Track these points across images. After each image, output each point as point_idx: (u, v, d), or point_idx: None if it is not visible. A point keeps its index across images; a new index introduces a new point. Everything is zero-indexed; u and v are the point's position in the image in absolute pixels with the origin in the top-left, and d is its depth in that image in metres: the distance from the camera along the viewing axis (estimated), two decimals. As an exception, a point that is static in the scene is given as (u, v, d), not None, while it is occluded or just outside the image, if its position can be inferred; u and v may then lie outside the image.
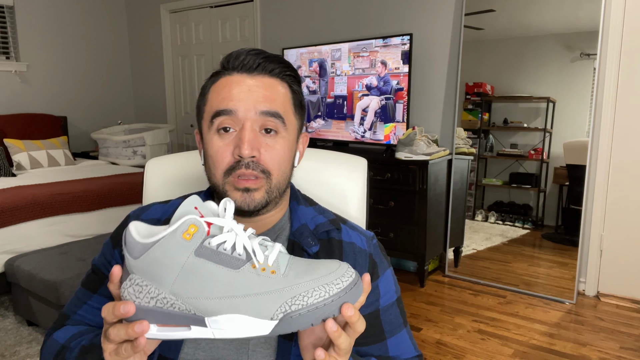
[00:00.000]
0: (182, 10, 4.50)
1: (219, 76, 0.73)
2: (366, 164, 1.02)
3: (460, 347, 2.17)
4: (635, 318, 2.44)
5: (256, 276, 0.52)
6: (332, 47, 3.26)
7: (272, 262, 0.54)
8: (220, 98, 0.70)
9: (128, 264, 0.55)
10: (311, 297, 0.51)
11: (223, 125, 0.69)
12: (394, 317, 0.77)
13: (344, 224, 0.79)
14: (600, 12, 2.49)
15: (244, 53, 0.71)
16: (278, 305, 0.51)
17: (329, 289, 0.52)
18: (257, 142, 0.69)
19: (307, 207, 0.80)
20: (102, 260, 0.80)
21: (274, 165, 0.70)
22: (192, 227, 0.53)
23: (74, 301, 0.80)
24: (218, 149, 0.69)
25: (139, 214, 0.81)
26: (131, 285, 0.53)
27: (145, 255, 0.53)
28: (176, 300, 0.52)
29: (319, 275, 0.53)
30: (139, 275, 0.53)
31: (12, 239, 2.44)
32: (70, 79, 4.46)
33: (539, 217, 2.80)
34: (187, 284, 0.52)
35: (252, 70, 0.71)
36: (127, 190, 2.94)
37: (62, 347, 0.71)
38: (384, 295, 0.76)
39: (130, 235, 0.54)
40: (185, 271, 0.52)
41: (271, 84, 0.71)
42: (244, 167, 0.68)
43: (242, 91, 0.69)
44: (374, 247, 0.79)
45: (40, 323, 2.27)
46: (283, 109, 0.71)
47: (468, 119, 2.97)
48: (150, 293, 0.53)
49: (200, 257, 0.52)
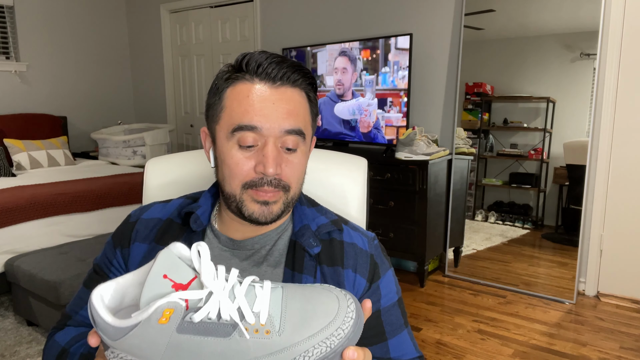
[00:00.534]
0: (182, 10, 4.50)
1: (236, 80, 0.69)
2: (366, 164, 1.02)
3: (460, 347, 2.17)
4: (635, 318, 2.44)
5: (250, 340, 0.48)
6: (332, 47, 3.26)
7: (264, 320, 0.49)
8: (242, 109, 0.68)
9: (105, 340, 0.50)
10: (312, 356, 0.48)
11: (246, 144, 0.68)
12: (395, 318, 0.77)
13: (346, 225, 0.79)
14: (600, 12, 2.49)
15: (265, 60, 0.68)
16: None
17: (330, 342, 0.49)
18: (280, 158, 0.69)
19: (309, 208, 0.80)
20: (103, 259, 0.80)
21: (294, 179, 0.71)
22: (166, 312, 0.48)
23: (75, 301, 0.80)
24: (238, 161, 0.68)
25: (140, 213, 0.81)
26: (116, 357, 0.50)
27: (121, 340, 0.48)
28: None
29: (318, 327, 0.49)
30: (122, 351, 0.49)
31: (12, 239, 2.44)
32: (70, 79, 4.46)
33: (539, 217, 2.80)
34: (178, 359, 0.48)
35: (275, 81, 0.68)
36: (127, 190, 2.94)
37: (62, 349, 0.72)
38: (385, 296, 0.76)
39: (98, 315, 0.49)
40: (171, 349, 0.48)
41: (293, 97, 0.70)
42: (267, 184, 0.68)
43: (266, 106, 0.67)
44: (375, 248, 0.79)
45: (40, 323, 2.27)
46: (304, 123, 0.71)
47: (468, 119, 2.97)
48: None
49: (184, 333, 0.48)
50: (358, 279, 0.74)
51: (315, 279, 0.73)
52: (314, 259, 0.74)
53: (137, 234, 0.78)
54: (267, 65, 0.68)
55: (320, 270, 0.74)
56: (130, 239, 0.78)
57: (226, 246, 0.75)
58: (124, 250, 0.78)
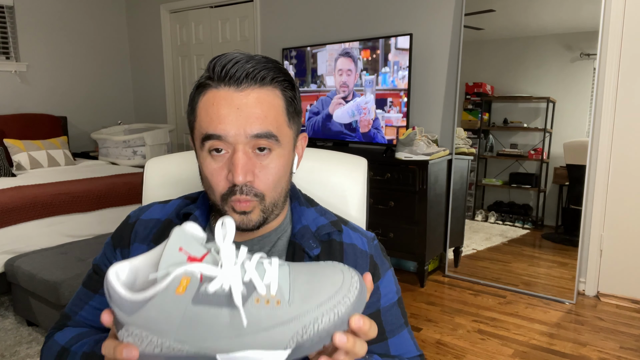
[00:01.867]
0: (182, 10, 4.50)
1: (205, 88, 0.68)
2: (366, 164, 1.02)
3: (460, 347, 2.17)
4: (635, 318, 2.44)
5: (262, 310, 0.50)
6: (332, 47, 3.26)
7: (275, 291, 0.51)
8: (208, 119, 0.66)
9: (119, 317, 0.51)
10: (322, 324, 0.50)
11: (214, 147, 0.67)
12: (395, 318, 0.77)
13: (345, 226, 0.79)
14: (600, 12, 2.49)
15: (229, 63, 0.66)
16: (290, 336, 0.50)
17: (337, 310, 0.51)
18: (251, 164, 0.66)
19: (309, 208, 0.79)
20: (103, 259, 0.80)
21: (269, 187, 0.69)
22: (183, 281, 0.49)
23: (75, 301, 0.80)
24: (212, 171, 0.68)
25: (139, 213, 0.81)
26: (129, 335, 0.51)
27: (137, 314, 0.50)
28: (183, 346, 0.50)
29: (326, 296, 0.52)
30: (136, 327, 0.50)
31: (12, 239, 2.44)
32: (70, 79, 4.46)
33: (539, 217, 2.80)
34: (192, 331, 0.50)
35: (239, 83, 0.65)
36: (127, 191, 2.94)
37: (62, 349, 0.71)
38: (385, 296, 0.76)
39: (114, 290, 0.50)
40: (186, 320, 0.50)
41: (261, 98, 0.66)
42: (239, 192, 0.67)
43: (230, 113, 0.65)
44: (374, 248, 0.78)
45: (40, 323, 2.27)
46: (276, 124, 0.67)
47: (468, 119, 2.97)
48: (153, 342, 0.50)
49: (198, 304, 0.50)
50: None
51: None
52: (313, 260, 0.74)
53: (136, 234, 0.78)
54: (230, 67, 0.65)
55: None
56: (129, 239, 0.78)
57: None
58: (123, 251, 0.78)
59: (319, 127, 3.40)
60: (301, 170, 1.00)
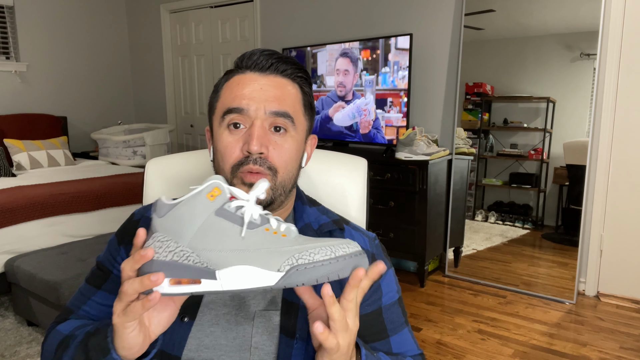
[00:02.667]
0: (182, 10, 4.50)
1: (232, 74, 0.75)
2: (366, 164, 1.02)
3: (460, 347, 2.17)
4: (635, 318, 2.44)
5: (268, 236, 0.57)
6: (332, 48, 3.26)
7: (284, 229, 0.58)
8: (232, 96, 0.72)
9: (153, 224, 0.59)
10: (317, 255, 0.54)
11: (234, 121, 0.71)
12: (396, 316, 0.79)
13: (347, 225, 0.81)
14: (600, 12, 2.49)
15: (257, 53, 0.74)
16: (286, 259, 0.54)
17: (335, 250, 0.55)
18: (266, 139, 0.70)
19: (311, 208, 0.82)
20: (107, 256, 0.81)
21: (281, 163, 0.72)
22: (216, 190, 0.58)
23: (77, 297, 0.81)
24: (228, 144, 0.71)
25: (144, 212, 0.82)
26: (153, 243, 0.57)
27: (170, 212, 0.58)
28: (192, 253, 0.56)
29: (327, 241, 0.57)
30: (161, 232, 0.58)
31: (12, 239, 2.44)
32: (70, 79, 4.46)
33: (539, 217, 2.80)
34: (204, 239, 0.56)
35: (264, 70, 0.73)
36: (127, 191, 2.94)
37: (66, 336, 0.72)
38: (386, 294, 0.78)
39: (161, 200, 0.59)
40: (204, 227, 0.56)
41: (282, 84, 0.73)
42: (252, 162, 0.70)
43: (254, 90, 0.71)
44: (376, 247, 0.80)
45: (40, 323, 2.27)
46: (293, 109, 0.73)
47: (468, 119, 2.97)
48: (169, 247, 0.56)
49: (219, 216, 0.57)
50: None
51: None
52: None
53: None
54: (256, 57, 0.73)
55: None
56: (134, 236, 0.79)
57: None
58: (127, 247, 0.79)
59: (318, 127, 3.40)
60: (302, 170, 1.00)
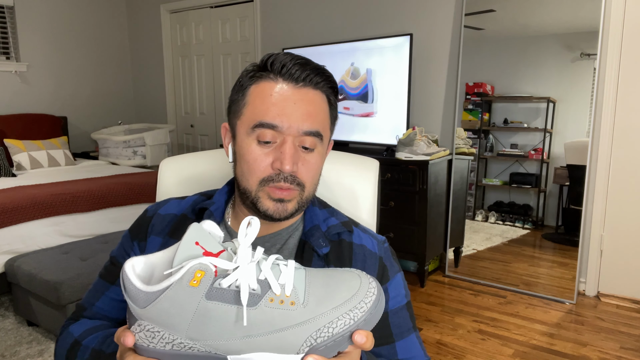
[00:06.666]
0: (182, 11, 4.50)
1: (261, 79, 0.71)
2: (378, 165, 1.01)
3: (460, 347, 2.17)
4: (636, 318, 2.44)
5: (275, 310, 0.49)
6: (332, 48, 3.26)
7: (289, 292, 0.50)
8: (264, 107, 0.69)
9: (133, 310, 0.50)
10: (337, 327, 0.48)
11: (265, 139, 0.69)
12: (402, 321, 0.77)
13: (356, 227, 0.80)
14: (600, 12, 2.49)
15: (290, 61, 0.70)
16: (303, 340, 0.48)
17: (353, 314, 0.49)
18: (297, 157, 0.70)
19: (321, 209, 0.81)
20: (120, 251, 0.82)
21: (309, 178, 0.72)
22: (198, 273, 0.48)
23: (91, 293, 0.82)
24: (257, 157, 0.70)
25: (157, 208, 0.84)
26: (142, 331, 0.50)
27: (151, 306, 0.49)
28: (194, 344, 0.49)
29: (341, 300, 0.50)
30: (148, 322, 0.50)
31: (12, 239, 2.44)
32: (70, 79, 4.46)
33: (539, 217, 2.80)
34: (204, 328, 0.49)
35: (298, 82, 0.70)
36: (127, 191, 2.94)
37: (75, 341, 0.73)
38: (393, 299, 0.77)
39: (130, 281, 0.49)
40: (198, 316, 0.49)
41: (314, 99, 0.71)
42: (283, 180, 0.69)
43: (287, 105, 0.69)
44: (384, 250, 0.79)
45: (41, 323, 2.27)
46: (322, 125, 0.72)
47: (468, 119, 2.97)
48: (164, 338, 0.50)
49: (212, 300, 0.49)
50: None
51: None
52: (322, 259, 0.74)
53: (153, 227, 0.81)
54: (291, 66, 0.69)
55: None
56: (147, 232, 0.81)
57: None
58: (141, 243, 0.81)
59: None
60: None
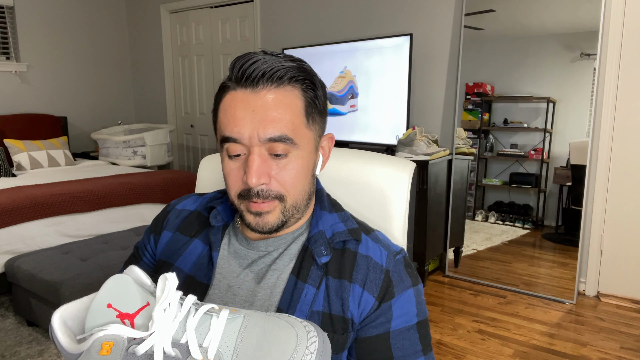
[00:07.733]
0: (182, 11, 4.50)
1: (225, 91, 0.68)
2: (413, 168, 0.92)
3: (460, 347, 2.17)
4: (636, 318, 2.44)
5: None
6: (332, 48, 3.26)
7: (212, 356, 0.45)
8: (226, 121, 0.66)
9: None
10: None
11: (232, 153, 0.66)
12: (408, 343, 0.68)
13: (367, 235, 0.74)
14: (600, 12, 2.49)
15: (247, 62, 0.65)
16: None
17: None
18: (266, 167, 0.65)
19: (331, 214, 0.75)
20: (141, 243, 0.86)
21: (287, 186, 0.67)
22: (106, 344, 0.44)
23: None
24: (230, 171, 0.68)
25: (176, 203, 0.86)
26: None
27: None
28: None
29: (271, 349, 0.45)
30: None
31: (13, 239, 2.44)
32: (70, 79, 4.46)
33: (539, 217, 2.80)
34: None
35: (255, 84, 0.64)
36: (127, 191, 2.94)
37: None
38: (398, 318, 0.69)
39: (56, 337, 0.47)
40: None
41: (277, 99, 0.64)
42: (254, 196, 0.66)
43: (245, 115, 0.64)
44: (394, 263, 0.71)
45: (41, 323, 2.27)
46: (291, 127, 0.65)
47: (468, 119, 2.97)
48: None
49: None
50: (365, 295, 0.68)
51: (319, 290, 0.68)
52: (321, 268, 0.69)
53: (168, 222, 0.82)
54: (247, 67, 0.64)
55: (325, 281, 0.69)
56: (162, 226, 0.82)
57: (242, 245, 0.75)
58: (156, 237, 0.82)
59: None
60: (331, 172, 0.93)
